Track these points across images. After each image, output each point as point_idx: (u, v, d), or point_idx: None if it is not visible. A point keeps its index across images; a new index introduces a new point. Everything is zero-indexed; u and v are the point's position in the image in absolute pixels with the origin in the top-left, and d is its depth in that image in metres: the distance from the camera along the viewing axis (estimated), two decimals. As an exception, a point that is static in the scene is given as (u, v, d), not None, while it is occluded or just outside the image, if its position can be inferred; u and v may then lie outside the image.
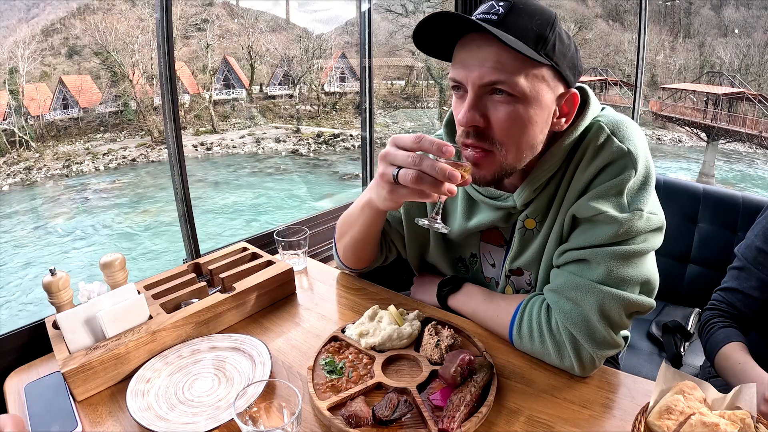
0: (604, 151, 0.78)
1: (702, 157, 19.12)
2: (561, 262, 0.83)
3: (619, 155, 0.77)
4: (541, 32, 0.74)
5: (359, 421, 0.67)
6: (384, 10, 23.56)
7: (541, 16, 0.75)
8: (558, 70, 0.76)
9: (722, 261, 1.40)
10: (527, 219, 0.87)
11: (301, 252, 1.20)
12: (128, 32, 20.75)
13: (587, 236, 0.79)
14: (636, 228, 0.77)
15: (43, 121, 19.70)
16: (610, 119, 0.82)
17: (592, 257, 0.78)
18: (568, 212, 0.82)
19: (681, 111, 19.56)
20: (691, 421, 0.61)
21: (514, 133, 0.76)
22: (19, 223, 15.80)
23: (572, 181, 0.81)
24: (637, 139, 0.80)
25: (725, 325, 0.97)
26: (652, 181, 0.79)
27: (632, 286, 0.79)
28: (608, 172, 0.78)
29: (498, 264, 0.98)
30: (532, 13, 0.74)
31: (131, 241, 14.83)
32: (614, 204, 0.77)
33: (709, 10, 23.74)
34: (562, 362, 0.80)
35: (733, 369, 0.89)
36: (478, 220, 0.93)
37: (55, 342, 0.83)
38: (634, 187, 0.78)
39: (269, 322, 0.99)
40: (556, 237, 0.85)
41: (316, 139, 23.21)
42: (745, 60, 21.90)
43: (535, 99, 0.75)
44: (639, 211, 0.77)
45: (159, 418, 0.72)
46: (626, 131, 0.80)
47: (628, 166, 0.77)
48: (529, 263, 0.90)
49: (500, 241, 0.96)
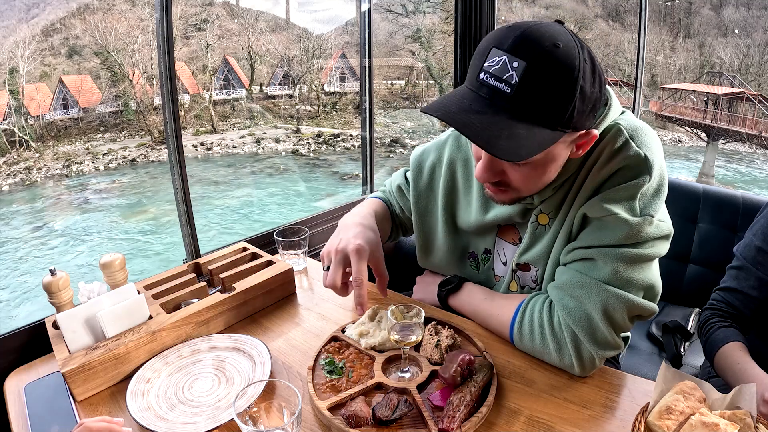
0: (621, 155, 0.78)
1: (702, 157, 19.11)
2: (568, 260, 0.84)
3: (636, 160, 0.77)
4: (560, 104, 0.67)
5: (359, 421, 0.67)
6: (384, 10, 23.57)
7: (563, 75, 0.66)
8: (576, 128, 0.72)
9: (722, 261, 1.40)
10: (541, 214, 0.87)
11: (301, 252, 1.20)
12: (128, 32, 20.74)
13: (596, 236, 0.79)
14: (645, 233, 0.77)
15: (43, 121, 19.69)
16: (630, 124, 0.81)
17: (599, 257, 0.79)
18: (579, 211, 0.82)
19: (681, 111, 19.55)
20: (691, 421, 0.61)
21: (530, 184, 0.79)
22: (20, 223, 15.81)
23: (586, 181, 0.81)
24: (655, 146, 0.80)
25: (724, 325, 0.97)
26: (664, 190, 0.80)
27: (637, 289, 0.79)
28: (623, 175, 0.78)
29: (509, 262, 0.97)
30: (552, 75, 0.65)
31: (131, 241, 14.82)
32: (626, 207, 0.77)
33: (709, 10, 23.73)
34: (561, 361, 0.80)
35: (733, 369, 0.89)
36: (495, 214, 0.92)
37: (55, 342, 0.83)
38: (648, 193, 0.78)
39: (269, 322, 0.99)
40: (565, 234, 0.85)
41: (316, 139, 23.20)
42: (745, 60, 21.89)
43: (551, 159, 0.75)
44: (650, 216, 0.77)
45: (159, 418, 0.72)
46: (644, 137, 0.80)
47: (644, 171, 0.77)
48: (536, 259, 0.90)
49: (515, 239, 0.95)
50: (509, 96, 0.66)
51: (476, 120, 0.67)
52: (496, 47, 0.67)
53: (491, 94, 0.68)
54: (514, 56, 0.65)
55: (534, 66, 0.65)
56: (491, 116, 0.67)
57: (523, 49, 0.65)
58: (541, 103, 0.67)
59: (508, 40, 0.67)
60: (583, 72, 0.67)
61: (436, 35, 24.62)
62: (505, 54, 0.66)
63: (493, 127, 0.66)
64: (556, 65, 0.65)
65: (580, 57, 0.67)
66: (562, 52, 0.66)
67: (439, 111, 0.69)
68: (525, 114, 0.67)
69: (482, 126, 0.66)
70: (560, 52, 0.65)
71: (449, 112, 0.69)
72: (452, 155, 1.00)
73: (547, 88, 0.66)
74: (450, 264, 1.04)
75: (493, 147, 0.66)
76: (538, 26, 0.68)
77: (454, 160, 0.99)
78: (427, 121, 23.31)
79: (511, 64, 0.66)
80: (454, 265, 1.03)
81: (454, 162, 0.99)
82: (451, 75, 2.13)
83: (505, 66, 0.66)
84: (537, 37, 0.66)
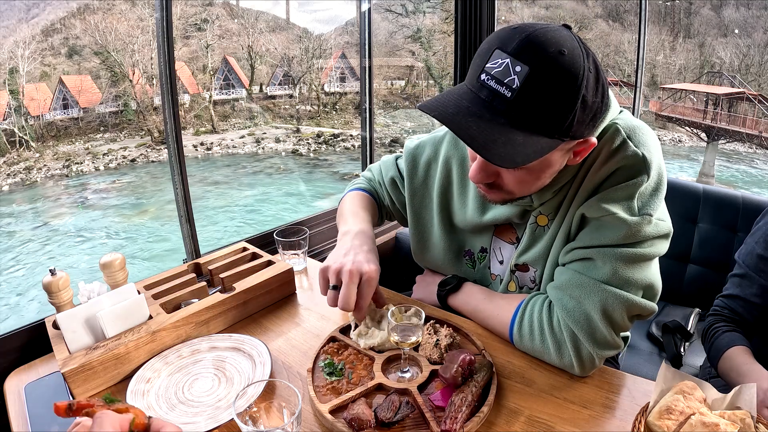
0: (619, 155, 0.78)
1: (702, 157, 19.12)
2: (567, 260, 0.84)
3: (634, 160, 0.77)
4: (560, 112, 0.66)
5: (362, 424, 0.67)
6: (384, 10, 23.57)
7: (566, 83, 0.64)
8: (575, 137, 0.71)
9: (722, 261, 1.40)
10: (540, 215, 0.87)
11: (301, 252, 1.20)
12: (128, 32, 20.76)
13: (595, 236, 0.79)
14: (644, 232, 0.77)
15: (43, 121, 19.70)
16: (628, 123, 0.81)
17: (598, 256, 0.79)
18: (577, 211, 0.82)
19: (681, 111, 19.56)
20: (691, 421, 0.61)
21: (524, 187, 0.79)
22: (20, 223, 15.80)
23: (584, 181, 0.81)
24: (653, 146, 0.80)
25: (728, 330, 0.98)
26: (663, 189, 0.80)
27: (636, 288, 0.79)
28: (621, 174, 0.78)
29: (506, 261, 0.97)
30: (554, 83, 0.64)
31: (131, 241, 14.82)
32: (624, 207, 0.77)
33: (709, 10, 23.73)
34: (561, 360, 0.80)
35: (739, 370, 0.89)
36: (493, 215, 0.92)
37: (55, 342, 0.83)
38: (646, 193, 0.78)
39: (269, 322, 0.99)
40: (564, 235, 0.85)
41: (316, 139, 23.21)
42: (745, 60, 21.90)
43: (547, 165, 0.75)
44: (648, 216, 0.77)
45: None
46: (642, 137, 0.79)
47: (642, 171, 0.77)
48: (535, 259, 0.90)
49: (512, 238, 0.95)
50: (509, 100, 0.65)
51: (473, 123, 0.66)
52: (500, 49, 0.66)
53: (491, 96, 0.67)
54: (518, 60, 0.64)
55: (537, 72, 0.63)
56: (489, 120, 0.66)
57: (527, 53, 0.64)
58: (541, 111, 0.66)
59: (513, 42, 0.65)
60: (587, 81, 0.66)
61: (436, 35, 24.64)
62: (508, 57, 0.65)
63: (490, 132, 0.65)
64: (559, 72, 0.64)
65: (584, 66, 0.65)
66: (567, 60, 0.64)
67: (436, 111, 0.69)
68: (523, 120, 0.66)
69: (479, 130, 0.65)
70: (565, 60, 0.64)
71: (446, 113, 0.67)
72: (448, 153, 0.99)
73: (548, 96, 0.65)
74: (445, 261, 1.03)
75: (489, 153, 0.65)
76: (545, 31, 0.66)
77: (450, 158, 0.99)
78: (427, 121, 23.30)
79: (513, 67, 0.64)
80: (449, 263, 1.03)
81: (450, 160, 0.99)
82: (451, 75, 2.13)
83: (508, 69, 0.65)
84: (542, 42, 0.65)
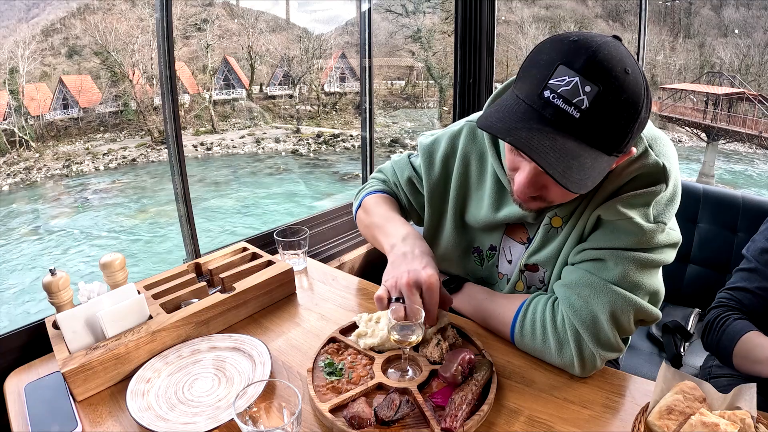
0: (640, 161, 0.78)
1: (702, 157, 19.11)
2: (577, 260, 0.84)
3: (655, 168, 0.78)
4: (622, 132, 0.66)
5: (362, 423, 0.67)
6: (384, 10, 23.55)
7: (630, 104, 0.64)
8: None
9: (722, 261, 1.40)
10: (555, 217, 0.87)
11: (301, 252, 1.20)
12: (128, 32, 20.74)
13: (608, 238, 0.80)
14: (657, 239, 0.78)
15: (43, 121, 19.69)
16: (649, 132, 0.81)
17: (610, 258, 0.79)
18: (593, 213, 0.82)
19: (681, 111, 19.54)
20: (691, 421, 0.61)
21: (566, 197, 0.79)
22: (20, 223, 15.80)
23: (603, 184, 0.81)
24: (672, 156, 0.81)
25: (740, 317, 0.96)
26: (677, 200, 0.81)
27: (644, 293, 0.80)
28: (641, 181, 0.79)
29: (515, 260, 0.96)
30: (620, 103, 0.63)
31: (131, 241, 14.82)
32: (641, 212, 0.78)
33: (709, 11, 23.73)
34: (562, 359, 0.80)
35: (764, 352, 0.87)
36: (507, 212, 0.91)
37: (55, 342, 0.83)
38: (662, 201, 0.79)
39: (269, 322, 0.99)
40: (576, 236, 0.85)
41: (316, 139, 23.19)
42: (745, 60, 21.89)
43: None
44: (662, 224, 0.79)
45: (159, 418, 0.72)
46: (663, 147, 0.80)
47: (661, 180, 0.78)
48: (546, 260, 0.89)
49: (523, 238, 0.95)
50: (576, 120, 0.63)
51: (549, 149, 0.64)
52: (565, 65, 0.64)
53: (556, 115, 0.64)
54: (587, 80, 0.62)
55: (606, 93, 0.62)
56: (560, 144, 0.64)
57: (597, 73, 0.62)
58: (606, 131, 0.65)
59: (580, 59, 0.63)
60: (646, 100, 0.66)
61: (436, 35, 24.62)
62: (577, 75, 0.63)
63: (564, 157, 0.64)
64: (626, 93, 0.63)
65: (644, 84, 0.65)
66: (632, 79, 0.64)
67: (506, 133, 0.65)
68: (588, 140, 0.65)
69: (556, 157, 0.63)
70: (630, 80, 0.63)
71: (520, 138, 0.64)
72: (467, 148, 0.98)
73: (614, 116, 0.64)
74: (453, 257, 1.02)
75: (568, 180, 0.63)
76: (607, 47, 0.64)
77: (468, 153, 0.98)
78: (427, 122, 23.32)
79: (583, 87, 0.62)
80: (457, 259, 1.02)
81: (469, 155, 0.98)
82: (451, 75, 2.13)
83: (577, 89, 0.63)
84: (609, 59, 0.63)
